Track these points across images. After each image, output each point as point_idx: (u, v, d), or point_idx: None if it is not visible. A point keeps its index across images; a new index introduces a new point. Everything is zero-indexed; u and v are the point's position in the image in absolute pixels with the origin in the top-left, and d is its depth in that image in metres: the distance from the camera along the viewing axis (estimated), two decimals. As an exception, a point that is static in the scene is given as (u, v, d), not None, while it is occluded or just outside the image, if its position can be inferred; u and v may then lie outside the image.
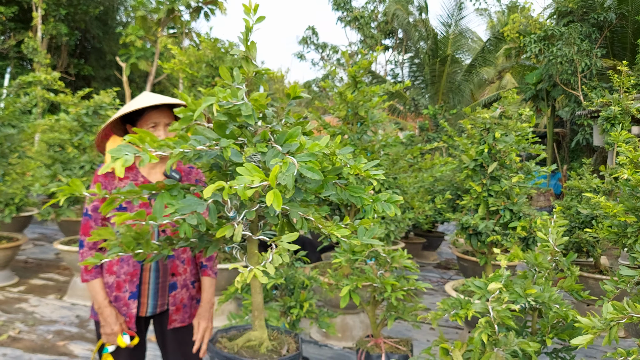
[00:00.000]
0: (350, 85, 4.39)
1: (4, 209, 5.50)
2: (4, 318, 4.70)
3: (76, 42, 21.39)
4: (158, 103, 2.09)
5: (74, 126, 5.51)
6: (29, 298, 5.37)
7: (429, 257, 8.31)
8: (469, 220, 4.03)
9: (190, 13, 15.97)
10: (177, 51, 5.00)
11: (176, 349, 2.36)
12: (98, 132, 2.27)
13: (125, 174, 2.22)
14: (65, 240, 5.62)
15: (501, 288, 2.53)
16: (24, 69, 20.19)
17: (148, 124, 2.18)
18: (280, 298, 3.62)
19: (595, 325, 2.26)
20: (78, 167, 5.35)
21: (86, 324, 4.67)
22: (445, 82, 16.21)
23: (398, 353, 3.37)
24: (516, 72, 17.80)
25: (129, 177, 2.23)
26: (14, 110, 5.72)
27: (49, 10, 18.21)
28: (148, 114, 2.17)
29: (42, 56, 16.32)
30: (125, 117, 2.25)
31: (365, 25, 20.69)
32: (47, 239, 8.69)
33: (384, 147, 4.48)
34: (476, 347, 2.56)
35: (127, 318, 2.21)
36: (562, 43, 11.21)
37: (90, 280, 2.16)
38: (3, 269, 5.83)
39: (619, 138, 4.08)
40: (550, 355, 2.85)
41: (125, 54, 17.11)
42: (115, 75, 22.34)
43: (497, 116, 4.15)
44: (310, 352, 4.28)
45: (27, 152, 6.75)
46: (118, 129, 2.30)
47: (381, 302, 3.44)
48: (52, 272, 6.52)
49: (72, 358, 3.92)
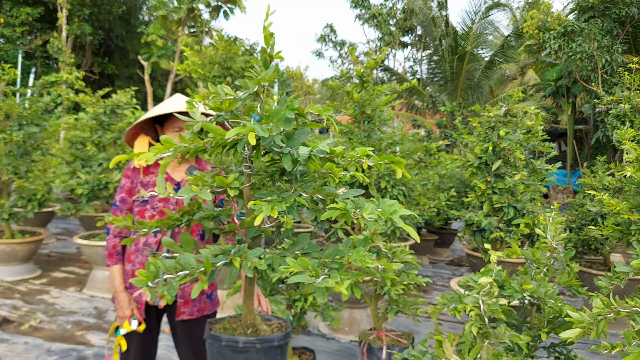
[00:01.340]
0: (357, 84, 4.48)
1: (26, 205, 5.74)
2: (26, 308, 4.92)
3: (100, 41, 21.88)
4: (182, 110, 2.23)
5: (94, 125, 5.72)
6: (50, 290, 5.60)
7: (442, 254, 8.34)
8: (472, 217, 4.09)
9: (210, 12, 16.21)
10: (189, 53, 5.15)
11: (185, 341, 2.47)
12: (126, 130, 2.46)
13: (151, 171, 2.41)
14: (85, 235, 5.84)
15: (491, 282, 2.59)
16: (49, 68, 20.75)
17: (174, 128, 2.37)
18: (286, 291, 3.73)
19: (584, 320, 2.31)
20: (97, 164, 5.55)
21: (104, 315, 4.86)
22: (464, 78, 16.11)
23: (399, 345, 3.46)
24: (538, 69, 17.59)
25: (154, 173, 2.40)
26: (37, 109, 5.95)
27: (74, 10, 18.68)
28: (175, 118, 2.34)
29: (67, 55, 16.76)
30: (155, 118, 2.45)
31: (383, 22, 20.65)
32: (70, 234, 8.98)
33: (391, 145, 4.56)
34: (467, 339, 2.62)
35: (138, 305, 2.36)
36: (582, 39, 11.07)
37: (111, 265, 2.37)
38: (26, 262, 6.08)
39: (624, 136, 4.09)
40: (548, 349, 2.89)
41: (147, 53, 17.47)
42: (138, 74, 22.80)
43: (501, 114, 4.19)
44: (317, 345, 4.39)
45: (51, 150, 7.01)
46: (148, 128, 2.49)
47: (383, 296, 3.53)
48: (73, 265, 6.77)
49: (89, 347, 4.09)
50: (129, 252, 2.40)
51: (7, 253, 5.80)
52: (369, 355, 3.46)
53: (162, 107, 2.31)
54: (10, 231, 5.93)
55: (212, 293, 2.52)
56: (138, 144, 2.43)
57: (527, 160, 4.48)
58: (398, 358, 2.74)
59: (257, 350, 1.78)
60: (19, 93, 6.28)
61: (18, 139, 5.74)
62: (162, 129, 2.44)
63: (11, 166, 5.70)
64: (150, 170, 2.41)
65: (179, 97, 2.38)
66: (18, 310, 4.85)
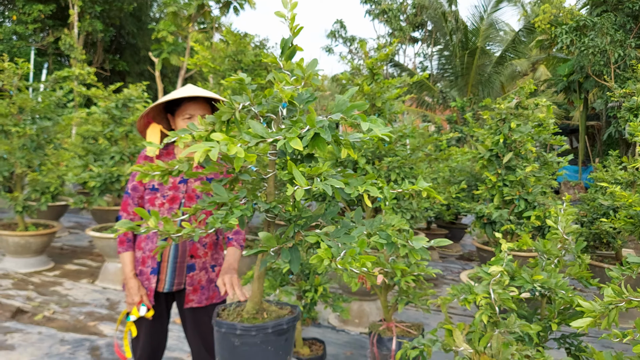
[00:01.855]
0: (367, 77, 4.48)
1: (40, 197, 5.81)
2: (40, 299, 4.99)
3: (111, 38, 22.04)
4: (194, 95, 2.24)
5: (105, 119, 5.77)
6: (64, 282, 5.67)
7: (452, 248, 8.33)
8: (483, 209, 4.08)
9: (220, 8, 16.26)
10: (199, 47, 5.18)
11: (194, 328, 2.49)
12: (138, 119, 2.46)
13: (163, 160, 2.41)
14: (97, 227, 5.90)
15: (502, 271, 2.59)
16: (61, 64, 20.94)
17: (185, 115, 2.35)
18: (296, 282, 3.76)
19: (595, 309, 2.30)
20: (109, 157, 5.61)
21: (116, 307, 4.92)
22: (474, 74, 16.03)
23: (409, 336, 3.47)
24: (550, 64, 17.44)
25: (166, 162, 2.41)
26: (49, 104, 6.02)
27: (85, 7, 18.82)
28: (185, 106, 2.34)
29: (79, 52, 16.90)
30: (166, 107, 2.45)
31: (393, 17, 20.59)
32: (82, 227, 9.08)
33: (401, 138, 4.55)
34: (477, 328, 2.63)
35: (148, 291, 2.39)
36: (594, 33, 10.96)
37: (122, 252, 2.41)
38: (40, 254, 6.16)
39: (637, 128, 4.06)
40: (558, 340, 2.89)
41: (158, 49, 17.57)
42: (149, 70, 22.95)
43: (513, 107, 4.18)
44: (327, 337, 4.41)
45: (63, 144, 7.09)
46: (160, 118, 2.49)
47: (393, 288, 3.54)
48: (86, 258, 6.85)
49: (101, 337, 4.15)
50: (140, 239, 2.44)
51: (21, 245, 5.88)
52: (379, 346, 3.48)
53: (175, 93, 2.31)
54: (24, 224, 6.01)
55: None
56: (150, 133, 2.45)
57: (538, 153, 4.46)
58: (408, 347, 2.74)
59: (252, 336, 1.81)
60: (32, 88, 6.35)
61: (32, 133, 5.81)
62: (173, 118, 2.44)
63: (25, 159, 5.77)
64: (162, 159, 2.42)
65: (190, 86, 2.39)
66: (32, 301, 4.92)
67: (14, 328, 4.25)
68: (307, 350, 3.70)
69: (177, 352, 3.90)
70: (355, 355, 4.07)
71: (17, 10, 19.51)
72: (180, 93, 2.28)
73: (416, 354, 2.71)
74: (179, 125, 2.37)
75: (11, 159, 5.76)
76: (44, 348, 3.87)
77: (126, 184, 5.44)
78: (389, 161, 4.17)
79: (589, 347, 2.70)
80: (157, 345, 2.52)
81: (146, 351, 2.47)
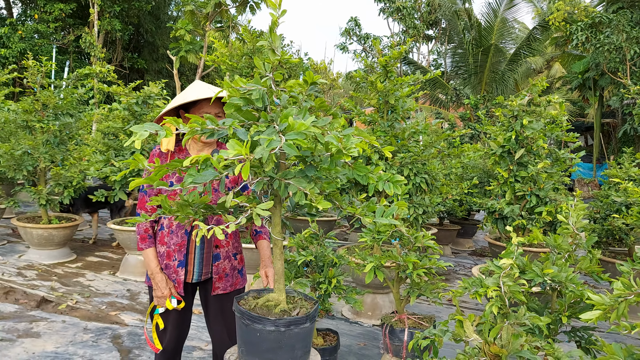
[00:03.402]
0: (381, 74, 4.56)
1: (63, 191, 6.00)
2: (64, 290, 5.16)
3: (130, 36, 22.34)
4: (209, 96, 2.34)
5: (126, 115, 5.93)
6: (86, 273, 5.85)
7: (465, 244, 8.37)
8: (494, 205, 4.14)
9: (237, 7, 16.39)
10: (218, 44, 5.31)
11: (217, 314, 2.61)
12: (156, 118, 2.53)
13: (176, 155, 2.49)
14: (117, 221, 6.07)
15: (512, 264, 2.65)
16: (82, 62, 21.30)
17: (199, 114, 2.42)
18: (311, 274, 3.86)
19: (605, 302, 2.35)
20: (129, 153, 5.77)
21: (136, 297, 5.07)
22: (488, 71, 15.98)
23: (421, 328, 3.55)
24: (565, 61, 17.31)
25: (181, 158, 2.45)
26: (72, 100, 6.20)
27: (105, 6, 19.13)
28: (200, 104, 2.42)
29: (98, 50, 17.18)
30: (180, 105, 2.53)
31: (407, 15, 20.56)
32: (103, 221, 9.28)
33: (414, 135, 4.63)
34: (487, 319, 2.68)
35: (175, 284, 2.48)
36: (610, 30, 10.89)
37: (145, 249, 2.46)
38: (62, 246, 6.35)
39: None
40: (569, 334, 2.93)
41: (176, 48, 17.78)
42: (166, 68, 23.23)
43: (525, 103, 4.23)
44: (340, 329, 4.51)
45: (84, 140, 7.27)
46: (174, 115, 2.56)
47: (405, 280, 3.62)
48: (107, 250, 7.03)
49: (123, 326, 4.29)
50: (162, 234, 2.49)
51: (45, 238, 6.07)
52: (391, 337, 3.56)
53: (189, 94, 2.38)
54: (47, 217, 6.20)
55: (242, 269, 2.66)
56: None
57: (550, 149, 4.50)
58: (420, 337, 2.82)
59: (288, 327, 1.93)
60: (53, 85, 6.54)
61: (55, 129, 6.00)
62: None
63: (48, 154, 5.96)
64: (175, 155, 2.49)
65: (200, 83, 2.47)
66: (56, 291, 5.09)
67: (39, 317, 4.42)
68: (320, 340, 3.80)
69: (196, 341, 4.03)
70: (369, 347, 4.17)
71: (39, 9, 19.89)
72: (198, 94, 2.36)
73: (427, 343, 2.78)
74: None
75: (35, 154, 5.95)
76: (68, 336, 4.02)
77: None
78: (401, 157, 4.25)
79: (599, 340, 2.75)
80: (182, 335, 2.64)
81: (172, 341, 2.58)
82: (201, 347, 3.94)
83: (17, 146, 5.89)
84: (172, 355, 2.63)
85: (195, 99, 2.36)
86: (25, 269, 5.82)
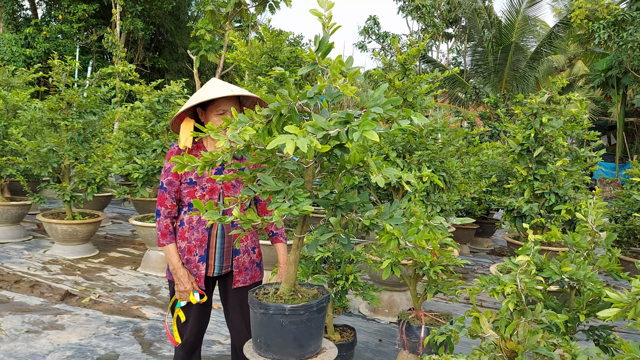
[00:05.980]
0: (399, 72, 4.57)
1: (86, 188, 6.14)
2: (87, 284, 5.29)
3: (151, 36, 22.64)
4: (228, 95, 2.39)
5: (148, 114, 6.04)
6: (108, 268, 5.98)
7: (483, 243, 8.33)
8: (513, 203, 4.13)
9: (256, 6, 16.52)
10: (238, 43, 5.38)
11: (236, 307, 2.67)
12: (174, 115, 2.59)
13: (194, 153, 2.54)
14: (139, 217, 6.19)
15: (529, 261, 2.65)
16: (104, 62, 21.68)
17: (218, 111, 2.48)
18: (328, 271, 3.90)
19: (622, 300, 2.34)
20: (151, 150, 5.87)
21: (157, 292, 5.17)
22: (508, 70, 15.82)
23: (438, 325, 3.57)
24: (588, 59, 17.06)
25: (198, 156, 2.51)
26: (95, 99, 6.34)
27: (127, 6, 19.43)
28: (218, 102, 2.48)
29: (120, 50, 17.46)
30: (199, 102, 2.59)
31: (427, 14, 20.45)
32: (124, 218, 9.46)
33: (432, 132, 4.63)
34: (504, 315, 2.69)
35: (197, 278, 2.54)
36: (633, 28, 10.70)
37: (166, 244, 2.51)
38: (86, 242, 6.50)
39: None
40: (587, 332, 2.91)
41: (196, 47, 17.99)
42: (186, 68, 23.49)
43: (544, 101, 4.21)
44: (358, 325, 4.54)
45: (107, 138, 7.42)
46: (190, 112, 2.61)
47: (422, 277, 3.64)
48: (128, 246, 7.17)
49: (144, 320, 4.39)
50: (182, 230, 2.54)
51: (69, 233, 6.21)
52: (408, 334, 3.58)
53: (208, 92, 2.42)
54: (71, 213, 6.35)
55: (260, 262, 2.72)
56: (184, 127, 2.53)
57: (570, 148, 4.47)
58: (436, 333, 2.83)
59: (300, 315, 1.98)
60: (77, 85, 6.70)
61: (79, 127, 6.14)
62: (204, 112, 2.55)
63: (72, 152, 6.11)
64: (193, 152, 2.54)
65: (216, 81, 2.51)
66: (79, 285, 5.22)
67: (64, 310, 4.54)
68: (338, 336, 3.83)
69: (215, 335, 4.11)
70: (386, 343, 4.19)
71: (62, 9, 20.28)
72: (214, 93, 2.41)
73: (443, 339, 2.80)
74: (212, 119, 2.49)
75: (60, 151, 6.10)
76: (91, 329, 4.12)
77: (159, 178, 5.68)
78: (419, 155, 4.26)
79: (617, 339, 2.73)
80: (202, 328, 2.71)
81: (193, 334, 2.65)
82: (220, 342, 4.00)
83: (43, 143, 6.05)
84: (192, 348, 2.70)
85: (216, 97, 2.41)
86: (50, 264, 5.97)
